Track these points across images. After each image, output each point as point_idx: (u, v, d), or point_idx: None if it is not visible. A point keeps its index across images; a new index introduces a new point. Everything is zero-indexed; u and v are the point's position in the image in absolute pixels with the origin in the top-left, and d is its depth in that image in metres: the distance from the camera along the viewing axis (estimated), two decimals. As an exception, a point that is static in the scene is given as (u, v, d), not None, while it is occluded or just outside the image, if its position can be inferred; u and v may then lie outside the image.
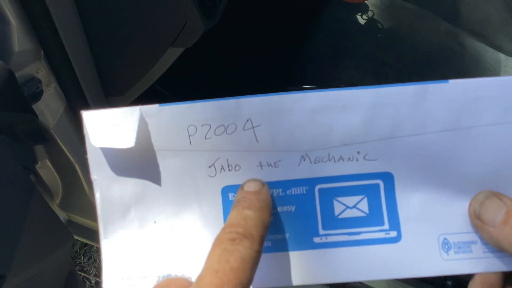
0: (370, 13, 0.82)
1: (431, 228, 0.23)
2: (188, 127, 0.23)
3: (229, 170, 0.23)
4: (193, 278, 0.22)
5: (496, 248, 0.22)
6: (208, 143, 0.23)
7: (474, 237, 0.23)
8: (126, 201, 0.24)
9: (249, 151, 0.23)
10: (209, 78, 0.93)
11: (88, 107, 0.54)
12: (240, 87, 0.93)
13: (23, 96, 0.44)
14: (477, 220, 0.22)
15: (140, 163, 0.23)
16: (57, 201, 0.65)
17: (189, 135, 0.23)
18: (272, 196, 0.23)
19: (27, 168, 0.56)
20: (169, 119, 0.23)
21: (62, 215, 0.69)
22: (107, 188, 0.24)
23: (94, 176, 0.24)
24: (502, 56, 0.82)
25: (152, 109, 0.23)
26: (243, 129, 0.23)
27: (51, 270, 0.52)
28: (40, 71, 0.48)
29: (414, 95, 0.22)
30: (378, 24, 0.81)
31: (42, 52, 0.47)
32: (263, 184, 0.23)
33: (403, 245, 0.23)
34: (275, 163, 0.23)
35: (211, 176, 0.23)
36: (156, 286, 0.21)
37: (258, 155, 0.23)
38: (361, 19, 0.82)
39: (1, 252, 0.41)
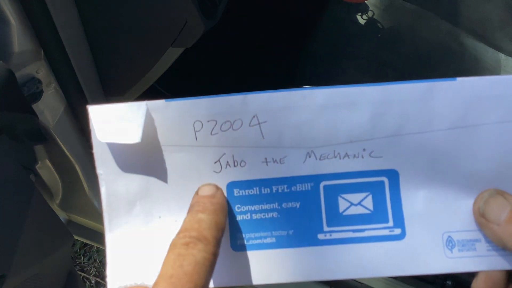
0: (370, 13, 0.82)
1: (436, 226, 0.23)
2: (194, 122, 0.23)
3: (234, 166, 0.23)
4: None
5: (500, 246, 0.22)
6: (214, 138, 0.23)
7: (478, 235, 0.23)
8: (131, 196, 0.24)
9: (254, 147, 0.23)
10: (209, 78, 0.93)
11: (88, 107, 0.54)
12: (240, 87, 0.92)
13: (23, 96, 0.44)
14: (481, 218, 0.22)
15: (145, 158, 0.23)
16: (57, 201, 0.65)
17: (195, 131, 0.23)
18: (277, 192, 0.23)
19: (27, 168, 0.56)
20: (175, 115, 0.23)
21: (62, 215, 0.69)
22: (112, 182, 0.24)
23: (99, 170, 0.24)
24: (502, 56, 0.82)
25: (158, 104, 0.23)
26: (249, 125, 0.23)
27: (51, 270, 0.52)
28: (40, 71, 0.48)
29: (421, 93, 0.22)
30: (378, 24, 0.81)
31: (42, 52, 0.47)
32: (217, 188, 0.23)
33: (407, 242, 0.23)
34: (280, 159, 0.23)
35: (216, 172, 0.23)
36: None
37: (264, 151, 0.23)
38: (361, 19, 0.82)
39: (1, 252, 0.41)
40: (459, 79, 0.22)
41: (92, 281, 1.15)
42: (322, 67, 0.79)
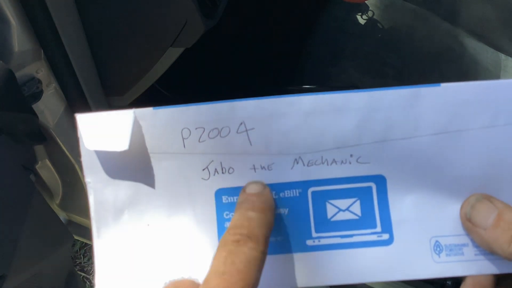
0: (370, 13, 0.82)
1: (423, 231, 0.23)
2: (182, 130, 0.23)
3: (222, 173, 0.23)
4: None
5: (488, 250, 0.22)
6: (202, 146, 0.23)
7: (465, 239, 0.23)
8: (119, 204, 0.24)
9: (242, 154, 0.23)
10: (209, 78, 0.93)
11: (88, 107, 0.54)
12: (240, 88, 0.93)
13: (23, 96, 0.44)
14: (468, 223, 0.22)
15: (134, 166, 0.23)
16: (57, 201, 0.65)
17: (183, 138, 0.23)
18: None
19: (27, 168, 0.56)
20: (163, 122, 0.23)
21: (62, 215, 0.69)
22: (100, 191, 0.24)
23: (88, 179, 0.24)
24: (502, 56, 0.82)
25: (146, 112, 0.23)
26: (237, 132, 0.23)
27: (51, 270, 0.52)
28: (40, 71, 0.48)
29: (406, 99, 0.22)
30: (378, 24, 0.81)
31: (42, 52, 0.47)
32: (265, 186, 0.23)
33: (395, 247, 0.23)
34: (268, 166, 0.23)
35: (204, 179, 0.23)
36: None
37: (252, 158, 0.23)
38: (361, 19, 0.82)
39: (1, 252, 0.41)
40: (443, 84, 0.22)
41: (92, 281, 1.15)
42: (322, 67, 0.79)
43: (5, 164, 0.43)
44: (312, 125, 0.23)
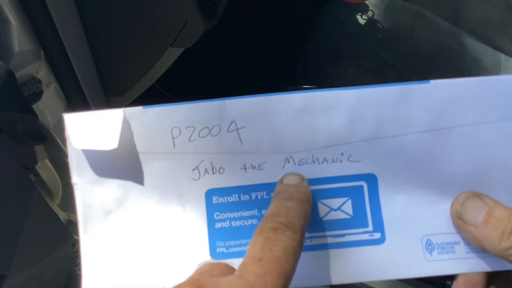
0: (370, 13, 0.82)
1: (415, 229, 0.23)
2: (172, 129, 0.23)
3: (213, 173, 0.23)
4: (175, 281, 0.22)
5: (479, 248, 0.22)
6: (192, 145, 0.23)
7: (457, 237, 0.23)
8: (107, 206, 0.23)
9: (233, 154, 0.23)
10: (209, 78, 0.93)
11: (88, 107, 0.54)
12: (240, 88, 0.93)
13: (23, 96, 0.44)
14: (459, 221, 0.22)
15: (123, 166, 0.23)
16: (57, 201, 0.65)
17: (173, 138, 0.23)
18: (256, 199, 0.23)
19: (27, 168, 0.56)
20: (153, 121, 0.22)
21: (62, 215, 0.69)
22: (88, 192, 0.23)
23: (75, 180, 0.23)
24: (502, 56, 0.82)
25: (135, 111, 0.23)
26: (228, 131, 0.22)
27: (51, 270, 0.52)
28: (40, 71, 0.48)
29: (396, 96, 0.22)
30: (378, 24, 0.81)
31: (42, 52, 0.47)
32: (303, 178, 0.23)
33: (387, 246, 0.23)
34: (259, 165, 0.23)
35: (194, 179, 0.23)
36: (198, 270, 0.20)
37: (242, 158, 0.23)
38: (361, 19, 0.82)
39: (1, 252, 0.41)
40: (432, 81, 0.22)
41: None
42: (322, 67, 0.79)
43: (5, 164, 0.43)
44: (303, 123, 0.22)
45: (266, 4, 1.00)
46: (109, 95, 0.58)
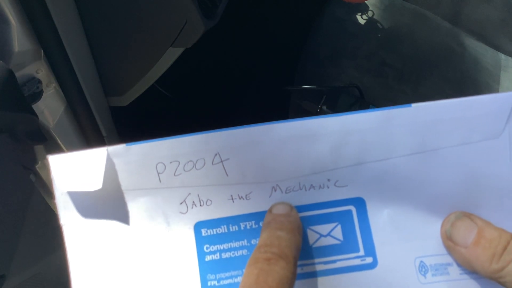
0: (370, 13, 0.82)
1: (407, 252, 0.22)
2: (157, 164, 0.22)
3: (200, 205, 0.23)
4: None
5: (469, 269, 0.21)
6: (178, 179, 0.23)
7: (449, 258, 0.22)
8: (96, 246, 0.23)
9: (219, 185, 0.23)
10: (209, 78, 0.93)
11: (88, 107, 0.54)
12: (240, 88, 0.93)
13: (23, 96, 0.44)
14: (449, 242, 0.22)
15: (108, 205, 0.23)
16: (57, 201, 0.65)
17: (158, 173, 0.23)
18: (245, 229, 0.23)
19: (27, 168, 0.56)
20: (137, 158, 0.22)
21: (62, 215, 0.69)
22: (76, 233, 0.23)
23: (62, 221, 0.23)
24: (502, 56, 0.82)
25: (119, 149, 0.22)
26: (212, 163, 0.22)
27: (51, 270, 0.52)
28: (40, 71, 0.48)
29: (379, 121, 0.22)
30: (378, 24, 0.81)
31: (42, 52, 0.47)
32: (292, 207, 0.23)
33: (380, 270, 0.22)
34: (246, 195, 0.23)
35: (182, 213, 0.23)
36: None
37: (229, 189, 0.23)
38: (361, 19, 0.82)
39: (1, 252, 0.41)
40: (414, 105, 0.22)
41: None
42: (322, 67, 0.79)
43: (5, 164, 0.43)
44: (287, 151, 0.22)
45: (266, 4, 1.00)
46: (109, 95, 0.58)
